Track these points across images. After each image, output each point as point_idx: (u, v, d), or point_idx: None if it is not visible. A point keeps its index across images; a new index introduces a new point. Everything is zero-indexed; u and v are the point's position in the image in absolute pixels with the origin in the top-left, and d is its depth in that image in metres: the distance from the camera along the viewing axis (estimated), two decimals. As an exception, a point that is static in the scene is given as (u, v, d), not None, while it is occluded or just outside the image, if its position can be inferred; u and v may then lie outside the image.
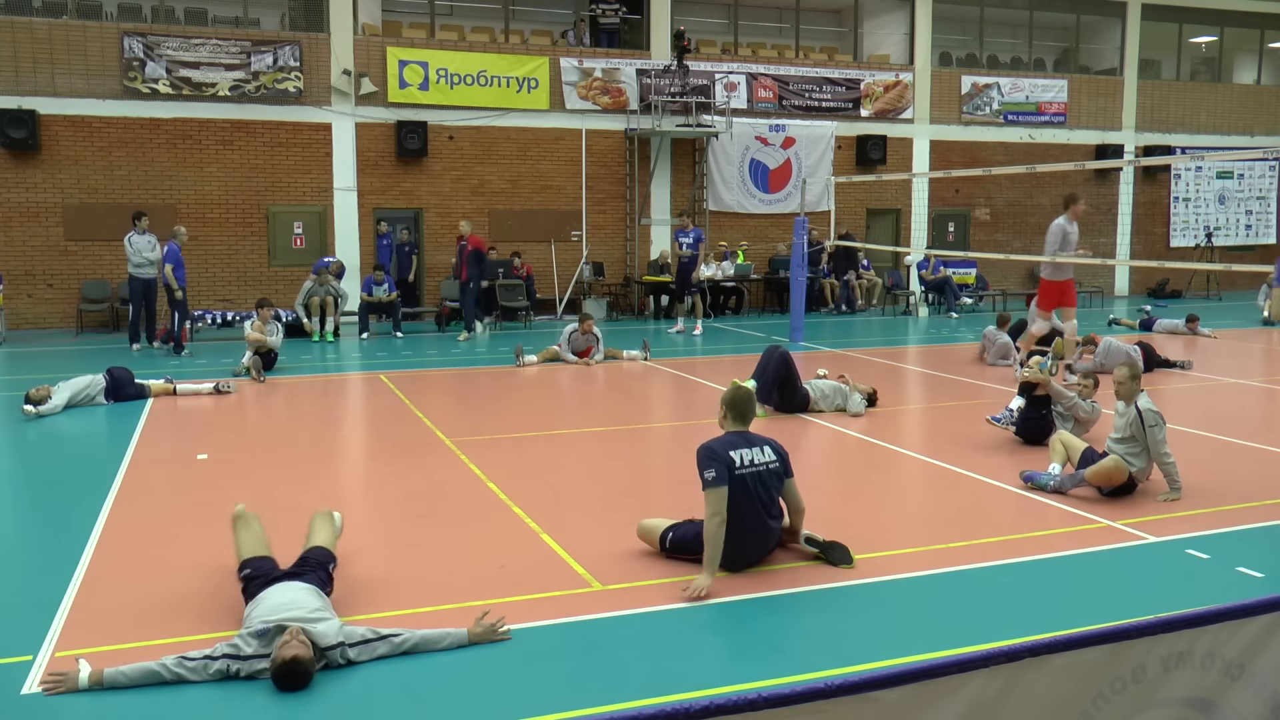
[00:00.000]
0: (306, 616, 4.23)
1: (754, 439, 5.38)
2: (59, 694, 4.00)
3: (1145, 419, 6.59)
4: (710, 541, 5.10)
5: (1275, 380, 12.35)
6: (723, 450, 5.22)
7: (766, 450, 5.35)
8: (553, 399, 11.21)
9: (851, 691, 2.36)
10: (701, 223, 20.35)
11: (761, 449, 5.34)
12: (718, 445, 5.26)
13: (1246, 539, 5.96)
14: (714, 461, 5.15)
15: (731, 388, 5.57)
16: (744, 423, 5.42)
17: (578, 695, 3.99)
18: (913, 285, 21.36)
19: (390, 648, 4.29)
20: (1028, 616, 4.76)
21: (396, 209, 18.92)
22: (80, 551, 5.74)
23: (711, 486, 5.13)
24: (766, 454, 5.34)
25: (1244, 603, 2.90)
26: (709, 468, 5.15)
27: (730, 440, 5.31)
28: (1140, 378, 6.90)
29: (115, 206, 16.98)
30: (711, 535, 5.10)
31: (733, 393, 5.48)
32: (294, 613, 4.24)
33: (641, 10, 20.43)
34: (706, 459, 5.18)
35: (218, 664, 4.09)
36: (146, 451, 8.39)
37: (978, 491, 7.12)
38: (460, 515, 6.56)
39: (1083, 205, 11.73)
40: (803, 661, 4.31)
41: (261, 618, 4.24)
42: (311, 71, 18.16)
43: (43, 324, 17.20)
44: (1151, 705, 2.82)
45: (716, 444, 5.27)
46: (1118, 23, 24.07)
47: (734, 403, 5.43)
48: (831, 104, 21.49)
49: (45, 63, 16.93)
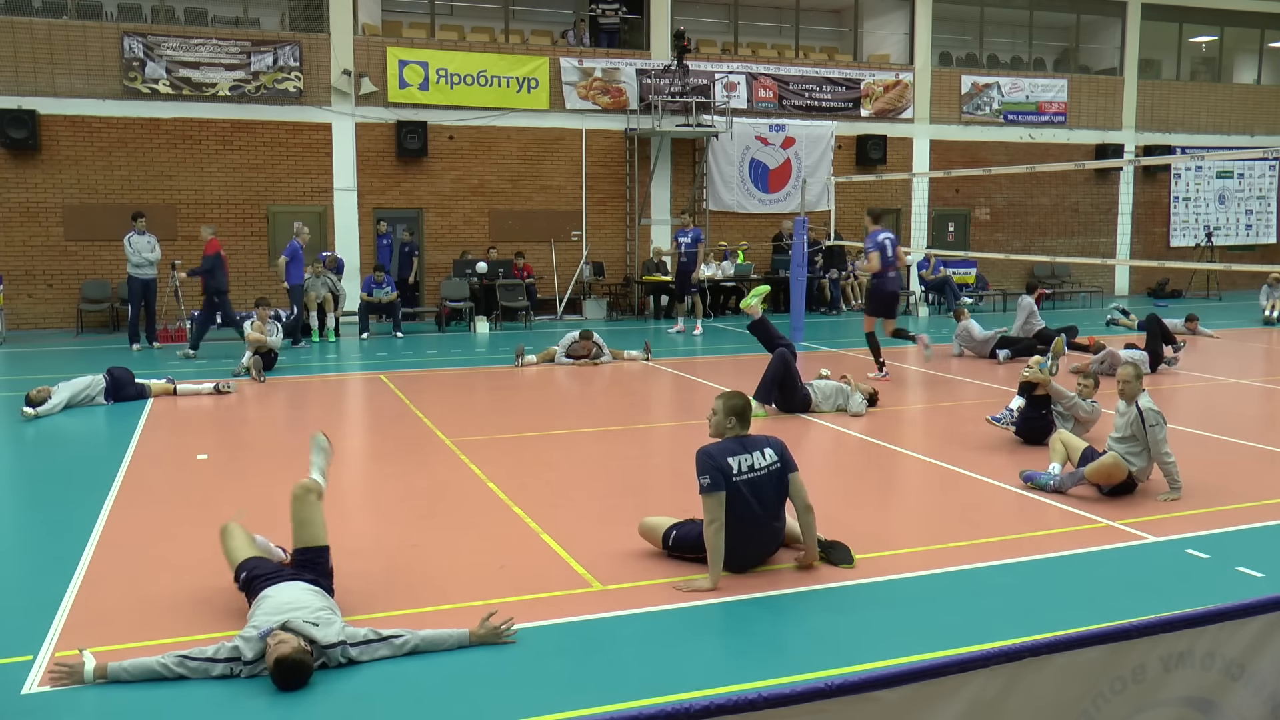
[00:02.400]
0: (308, 618, 4.23)
1: (752, 443, 5.30)
2: (65, 686, 4.02)
3: (1146, 418, 6.59)
4: (710, 548, 5.10)
5: (1275, 380, 12.35)
6: (720, 456, 5.17)
7: (767, 453, 5.28)
8: (553, 399, 11.21)
9: (851, 691, 2.36)
10: (701, 222, 20.35)
11: (761, 452, 5.27)
12: (715, 451, 5.21)
13: (1246, 539, 5.96)
14: (709, 467, 5.12)
15: (728, 393, 5.48)
16: (743, 427, 5.35)
17: (578, 695, 3.99)
18: (913, 285, 21.36)
19: (391, 649, 4.29)
20: (1028, 616, 4.76)
21: (397, 209, 18.92)
22: (80, 551, 5.74)
23: (707, 493, 5.10)
24: (767, 456, 5.27)
25: (1244, 603, 2.90)
26: (704, 474, 5.12)
27: (728, 446, 5.24)
28: (1143, 377, 6.90)
29: (115, 206, 16.98)
30: (710, 542, 5.10)
31: (727, 398, 5.41)
32: (297, 613, 4.24)
33: (641, 10, 20.43)
34: (702, 465, 5.15)
35: (220, 667, 4.10)
36: (146, 451, 8.39)
37: (978, 491, 7.11)
38: (460, 515, 6.56)
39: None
40: (803, 661, 4.31)
41: (264, 615, 4.25)
42: (311, 71, 18.16)
43: (43, 324, 17.20)
44: (1152, 705, 2.82)
45: (715, 449, 5.23)
46: (1118, 22, 24.07)
47: (731, 408, 5.35)
48: (831, 104, 21.49)
49: (45, 63, 16.93)
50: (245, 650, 4.12)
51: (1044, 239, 23.06)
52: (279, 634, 4.11)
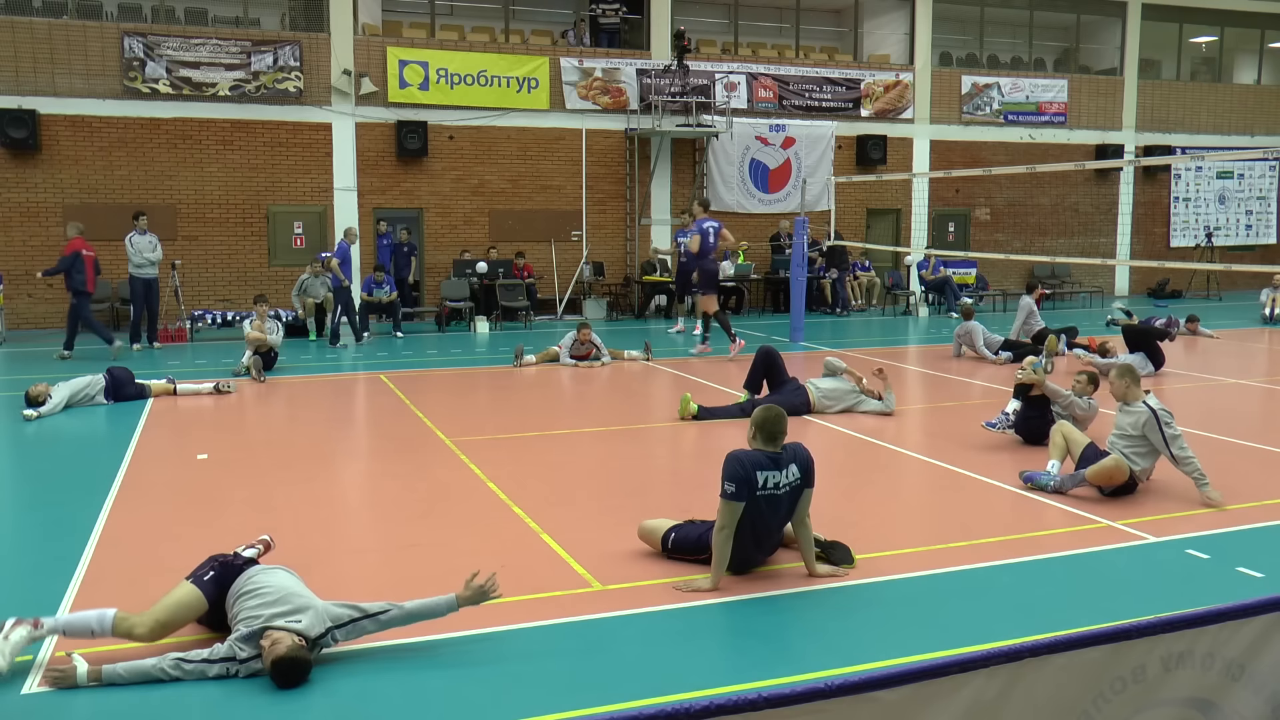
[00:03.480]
0: (289, 625, 4.19)
1: (783, 459, 5.15)
2: (62, 689, 4.02)
3: (1160, 417, 6.54)
4: (716, 552, 5.09)
5: (1275, 380, 12.35)
6: (751, 468, 5.04)
7: (792, 470, 5.15)
8: (553, 399, 11.21)
9: (851, 691, 2.36)
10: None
11: (788, 470, 5.14)
12: (748, 461, 5.07)
13: (1246, 539, 5.96)
14: (738, 476, 5.01)
15: (762, 408, 5.31)
16: (775, 444, 5.18)
17: (578, 695, 3.99)
18: (913, 285, 21.37)
19: (377, 626, 4.30)
20: (1028, 616, 4.76)
21: (396, 209, 18.92)
22: (80, 551, 5.74)
23: (729, 499, 5.02)
24: (792, 474, 5.14)
25: (1244, 603, 2.90)
26: (730, 480, 5.01)
27: (759, 460, 5.10)
28: (1130, 377, 6.80)
29: (115, 206, 16.98)
30: (718, 547, 5.08)
31: (763, 413, 5.25)
32: (279, 609, 4.24)
33: (641, 10, 20.43)
34: (731, 470, 5.03)
35: (216, 668, 4.11)
36: (146, 451, 8.39)
37: (978, 491, 7.11)
38: (460, 515, 6.56)
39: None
40: (803, 661, 4.31)
41: (253, 609, 4.25)
42: (311, 71, 18.16)
43: (43, 324, 17.20)
44: (1151, 705, 2.82)
45: (747, 459, 5.08)
46: (1118, 23, 24.07)
47: (763, 423, 5.19)
48: (831, 104, 21.49)
49: (45, 63, 16.93)
50: (239, 650, 4.13)
51: (1044, 239, 23.06)
52: (271, 634, 4.11)
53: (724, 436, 8.49)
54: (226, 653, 4.13)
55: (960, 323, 14.02)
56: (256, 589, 4.37)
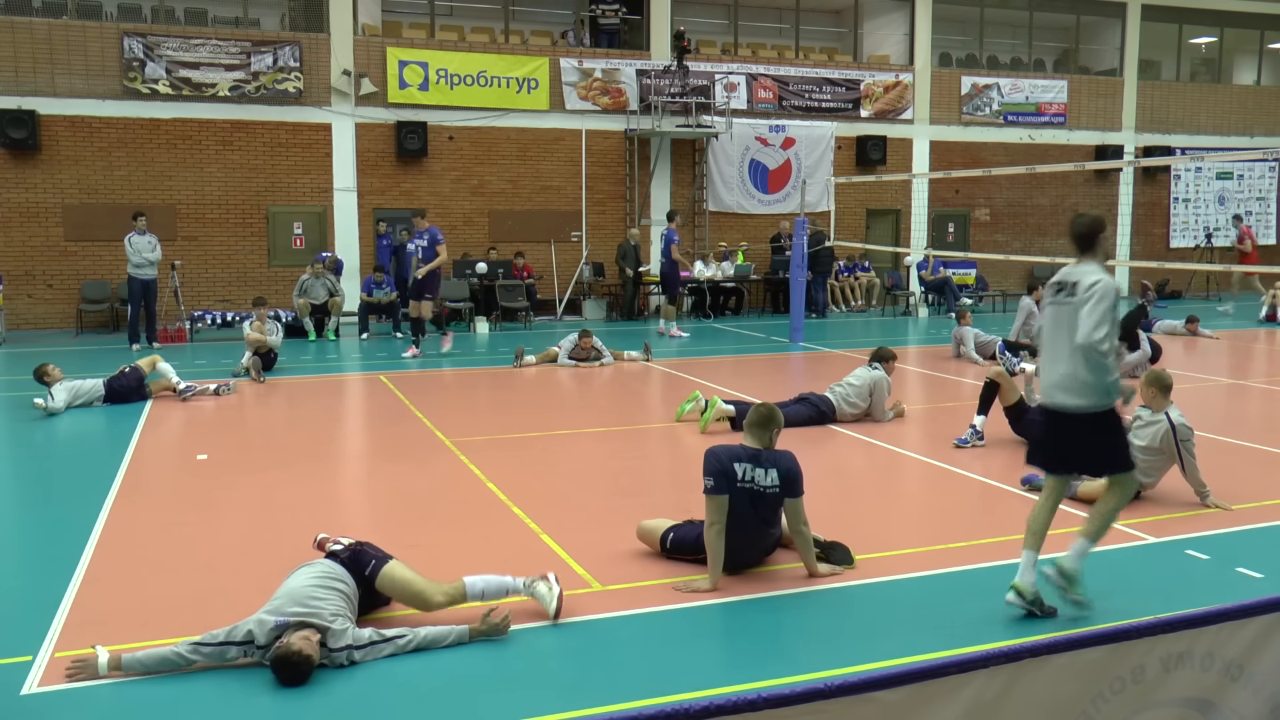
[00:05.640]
0: (326, 623, 4.23)
1: (764, 458, 5.21)
2: (82, 681, 4.06)
3: (1179, 433, 6.44)
4: (710, 550, 5.11)
5: (1275, 381, 12.35)
6: (727, 460, 5.14)
7: (771, 474, 5.18)
8: (553, 399, 11.21)
9: (851, 691, 2.37)
10: (701, 223, 20.36)
11: (767, 472, 5.18)
12: (724, 454, 5.18)
13: (1246, 539, 5.97)
14: (714, 470, 5.10)
15: (756, 406, 5.41)
16: (758, 441, 5.26)
17: (578, 696, 4.00)
18: (912, 286, 21.36)
19: (395, 649, 4.32)
20: (1027, 617, 4.76)
21: (396, 209, 18.89)
22: (80, 551, 5.74)
23: (710, 494, 5.10)
24: (770, 478, 5.18)
25: (1244, 603, 2.91)
26: (709, 475, 5.11)
27: (737, 452, 5.20)
28: (1158, 386, 6.64)
29: (115, 206, 16.98)
30: (710, 544, 5.10)
31: (755, 410, 5.36)
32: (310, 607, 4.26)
33: (641, 10, 20.43)
34: (708, 466, 5.14)
35: (235, 650, 4.15)
36: (146, 451, 8.39)
37: (978, 492, 7.12)
38: (460, 516, 6.56)
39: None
40: (803, 661, 4.31)
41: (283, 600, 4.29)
42: (311, 72, 18.16)
43: (43, 324, 17.20)
44: (1151, 705, 2.82)
45: (724, 452, 5.19)
46: (1118, 23, 24.07)
47: (752, 418, 5.32)
48: (831, 104, 21.49)
49: (45, 63, 16.93)
50: (259, 635, 4.15)
51: (1044, 240, 23.03)
52: (302, 633, 4.13)
53: (723, 438, 8.48)
54: (246, 635, 4.16)
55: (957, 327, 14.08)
56: (329, 584, 4.45)
